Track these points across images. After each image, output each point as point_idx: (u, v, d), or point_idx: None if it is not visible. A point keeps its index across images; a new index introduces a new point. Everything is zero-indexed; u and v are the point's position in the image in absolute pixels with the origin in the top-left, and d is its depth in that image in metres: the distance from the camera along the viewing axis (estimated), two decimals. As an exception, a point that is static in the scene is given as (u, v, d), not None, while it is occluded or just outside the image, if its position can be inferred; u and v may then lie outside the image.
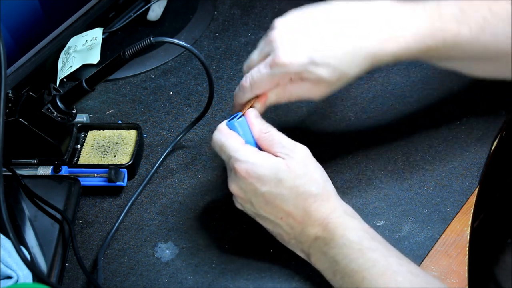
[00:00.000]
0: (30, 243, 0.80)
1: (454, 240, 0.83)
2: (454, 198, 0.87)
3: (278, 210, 0.76)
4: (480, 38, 0.79)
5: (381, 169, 0.91)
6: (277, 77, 0.78)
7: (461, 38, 0.79)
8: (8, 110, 0.85)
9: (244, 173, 0.75)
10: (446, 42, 0.79)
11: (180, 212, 0.88)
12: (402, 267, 0.71)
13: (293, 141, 0.77)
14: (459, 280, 0.80)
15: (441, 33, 0.78)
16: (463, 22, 0.78)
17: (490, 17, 0.79)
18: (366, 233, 0.74)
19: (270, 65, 0.77)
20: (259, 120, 0.79)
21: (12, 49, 0.91)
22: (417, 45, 0.78)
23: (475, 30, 0.79)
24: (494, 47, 0.79)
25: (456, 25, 0.78)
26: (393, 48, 0.78)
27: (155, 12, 1.10)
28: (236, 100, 0.82)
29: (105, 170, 0.88)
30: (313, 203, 0.75)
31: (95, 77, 0.83)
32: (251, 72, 0.79)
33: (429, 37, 0.78)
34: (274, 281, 0.80)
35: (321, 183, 0.76)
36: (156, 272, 0.82)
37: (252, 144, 0.78)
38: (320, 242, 0.75)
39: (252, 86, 0.79)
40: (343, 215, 0.75)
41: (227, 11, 1.14)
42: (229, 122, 0.79)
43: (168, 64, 1.07)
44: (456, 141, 0.93)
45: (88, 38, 0.94)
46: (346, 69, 0.77)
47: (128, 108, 1.00)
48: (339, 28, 0.77)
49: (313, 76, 0.77)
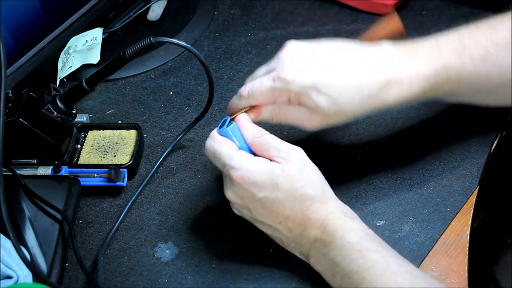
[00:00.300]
0: (30, 243, 0.80)
1: (454, 240, 0.83)
2: (454, 198, 0.87)
3: (276, 215, 0.76)
4: (483, 69, 0.79)
5: (381, 169, 0.91)
6: (277, 92, 0.78)
7: (465, 72, 0.79)
8: (8, 110, 0.85)
9: (239, 179, 0.75)
10: (450, 79, 0.79)
11: (180, 212, 0.88)
12: (401, 267, 0.71)
13: (288, 143, 0.77)
14: (459, 280, 0.80)
15: (444, 71, 0.78)
16: (465, 56, 0.78)
17: (491, 47, 0.79)
18: (366, 234, 0.74)
19: (273, 78, 0.77)
20: (251, 124, 0.78)
21: (12, 49, 0.91)
22: (420, 85, 0.78)
23: (477, 62, 0.79)
24: (498, 76, 0.79)
25: (458, 60, 0.78)
26: (396, 90, 0.78)
27: (155, 12, 1.10)
28: (230, 107, 0.82)
29: (105, 170, 0.88)
30: (311, 206, 0.75)
31: (95, 77, 0.83)
32: (253, 82, 0.79)
33: (432, 77, 0.78)
34: (274, 281, 0.80)
35: (318, 185, 0.75)
36: (156, 272, 0.82)
37: (245, 149, 0.77)
38: (319, 244, 0.75)
39: (249, 95, 0.79)
40: (342, 217, 0.75)
41: (227, 11, 1.14)
42: (219, 129, 0.79)
43: (168, 64, 1.07)
44: (456, 141, 0.93)
45: (88, 38, 0.94)
46: (345, 105, 0.77)
47: (128, 108, 1.00)
48: (346, 65, 0.77)
49: (311, 102, 0.77)
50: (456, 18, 1.11)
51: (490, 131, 0.94)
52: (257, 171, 0.75)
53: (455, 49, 0.79)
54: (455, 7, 1.13)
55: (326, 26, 1.11)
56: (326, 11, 1.14)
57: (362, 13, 1.13)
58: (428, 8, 1.14)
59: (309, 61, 0.77)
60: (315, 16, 1.13)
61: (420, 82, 0.78)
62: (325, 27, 1.11)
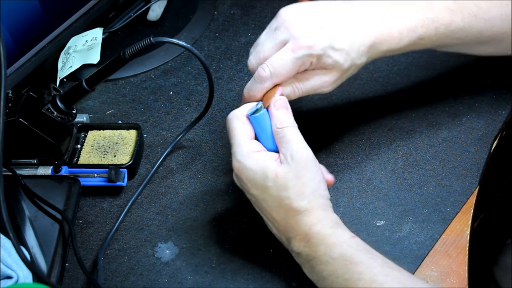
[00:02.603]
0: (30, 243, 0.80)
1: (454, 240, 0.83)
2: (454, 198, 0.87)
3: (265, 213, 0.77)
4: (473, 24, 0.84)
5: (381, 169, 0.91)
6: (300, 61, 0.79)
7: (454, 27, 0.84)
8: (8, 110, 0.85)
9: (236, 171, 0.77)
10: (438, 31, 0.83)
11: (180, 212, 0.88)
12: (388, 277, 0.70)
13: (301, 144, 0.76)
14: (459, 280, 0.80)
15: (432, 24, 0.83)
16: (456, 12, 0.83)
17: (482, 3, 0.84)
18: (349, 246, 0.73)
19: (293, 49, 0.78)
20: (281, 112, 0.78)
21: (12, 49, 0.91)
22: (409, 36, 0.83)
23: (467, 18, 0.84)
24: (489, 30, 0.85)
25: (448, 15, 0.83)
26: (389, 40, 0.82)
27: (155, 12, 1.10)
28: (248, 93, 0.80)
29: (105, 170, 0.88)
30: (295, 216, 0.74)
31: (95, 77, 0.83)
32: (270, 61, 0.79)
33: (420, 28, 0.83)
34: (274, 281, 0.80)
35: (306, 197, 0.74)
36: (156, 272, 0.82)
37: (270, 138, 0.77)
38: (304, 257, 0.75)
39: (272, 74, 0.78)
40: (323, 229, 0.74)
41: (227, 11, 1.14)
42: (250, 116, 0.77)
43: (168, 64, 1.07)
44: (456, 141, 0.93)
45: (88, 38, 0.94)
46: (356, 57, 0.81)
47: (128, 108, 1.00)
48: (345, 20, 0.81)
49: (330, 61, 0.79)
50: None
51: (490, 131, 0.94)
52: (252, 169, 0.75)
53: (446, 4, 0.84)
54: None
55: (326, 26, 1.11)
56: (326, 11, 1.14)
57: (362, 13, 1.13)
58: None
59: (317, 22, 0.80)
60: (315, 16, 1.13)
61: (409, 33, 0.83)
62: (325, 27, 1.11)
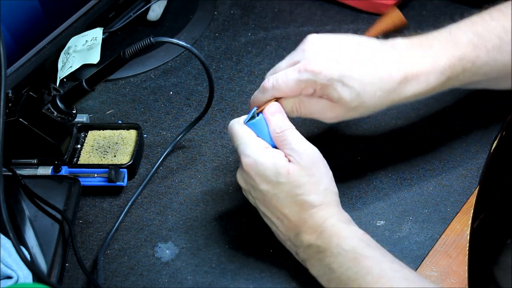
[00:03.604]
0: (30, 243, 0.80)
1: (454, 240, 0.83)
2: (454, 198, 0.87)
3: (274, 209, 0.76)
4: (498, 58, 0.80)
5: (381, 169, 0.91)
6: (303, 84, 0.78)
7: (480, 63, 0.80)
8: (8, 110, 0.85)
9: (247, 167, 0.76)
10: (465, 70, 0.80)
11: (180, 212, 0.88)
12: (396, 273, 0.71)
13: (305, 143, 0.76)
14: (459, 280, 0.80)
15: (460, 62, 0.79)
16: (479, 47, 0.80)
17: (504, 35, 0.80)
18: (361, 241, 0.73)
19: (299, 70, 0.77)
20: (276, 117, 0.78)
21: (12, 49, 0.91)
22: (437, 78, 0.79)
23: (492, 52, 0.80)
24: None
25: (473, 51, 0.79)
26: (414, 85, 0.79)
27: (155, 12, 1.10)
28: (252, 101, 0.81)
29: (105, 170, 0.88)
30: (309, 210, 0.75)
31: (95, 77, 0.83)
32: (276, 75, 0.79)
33: (448, 69, 0.79)
34: (274, 281, 0.80)
35: (320, 193, 0.75)
36: (156, 272, 0.82)
37: (269, 142, 0.77)
38: (314, 249, 0.75)
39: (274, 87, 0.79)
40: (337, 223, 0.74)
41: (227, 11, 1.14)
42: (247, 122, 0.78)
43: (168, 64, 1.07)
44: (456, 141, 0.93)
45: (88, 38, 0.94)
46: (367, 99, 0.78)
47: (128, 108, 1.00)
48: (369, 60, 0.78)
49: (335, 95, 0.77)
50: (456, 18, 1.10)
51: (490, 131, 0.94)
52: (264, 164, 0.75)
53: (470, 40, 0.80)
54: (455, 7, 1.13)
55: (326, 26, 1.11)
56: (326, 11, 1.14)
57: (362, 13, 1.13)
58: (428, 8, 1.14)
59: (334, 54, 0.78)
60: (315, 16, 1.13)
61: (436, 75, 0.79)
62: (325, 27, 1.11)
